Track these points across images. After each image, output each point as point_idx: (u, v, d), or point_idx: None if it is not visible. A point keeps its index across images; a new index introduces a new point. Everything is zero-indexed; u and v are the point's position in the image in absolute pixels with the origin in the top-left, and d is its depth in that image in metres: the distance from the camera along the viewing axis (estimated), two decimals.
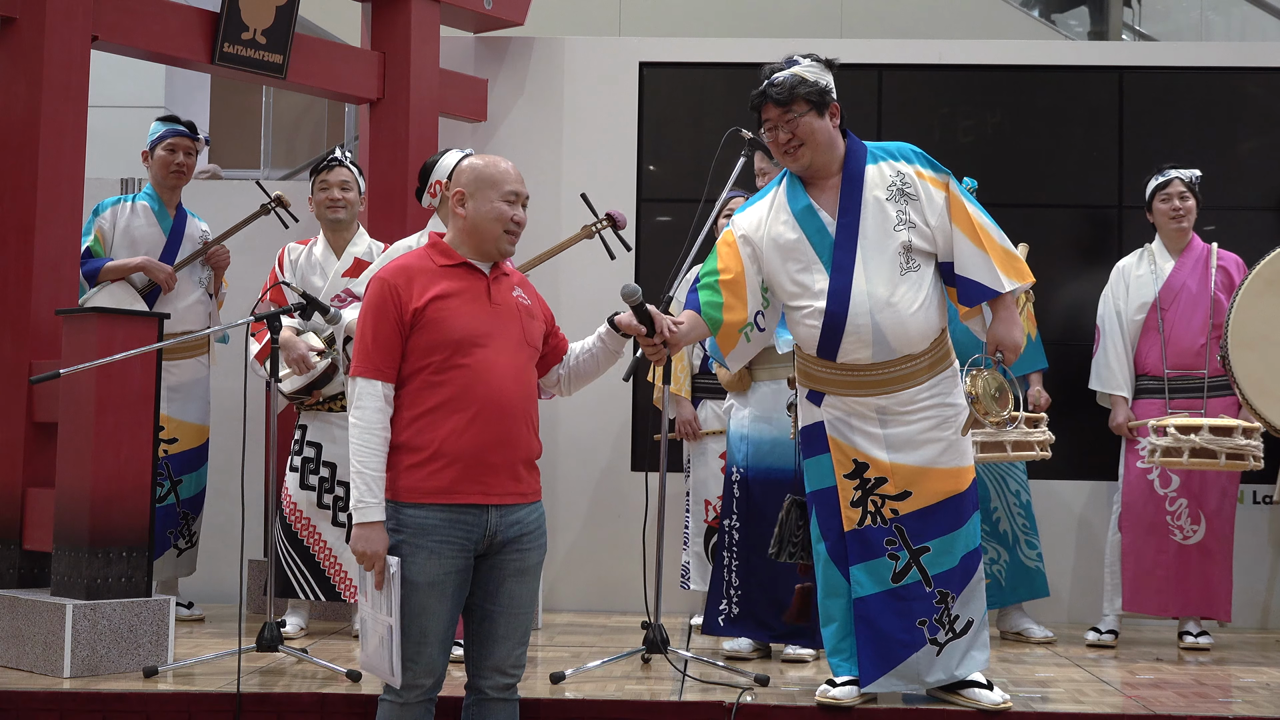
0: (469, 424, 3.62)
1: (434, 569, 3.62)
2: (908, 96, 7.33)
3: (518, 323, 3.78)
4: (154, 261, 6.18)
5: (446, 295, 3.69)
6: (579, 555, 7.18)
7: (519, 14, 7.33)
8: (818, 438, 4.58)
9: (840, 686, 4.53)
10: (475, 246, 3.80)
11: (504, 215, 3.78)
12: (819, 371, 4.55)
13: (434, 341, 3.66)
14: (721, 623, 5.55)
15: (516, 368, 3.73)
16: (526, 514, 3.75)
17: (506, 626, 3.73)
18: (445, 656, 3.70)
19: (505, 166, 3.83)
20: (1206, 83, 7.24)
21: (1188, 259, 6.31)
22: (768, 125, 4.57)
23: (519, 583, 3.74)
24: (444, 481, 3.62)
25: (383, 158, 6.83)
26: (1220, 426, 5.37)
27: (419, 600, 3.62)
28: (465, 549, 3.65)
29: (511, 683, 3.77)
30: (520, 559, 3.73)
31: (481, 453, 3.63)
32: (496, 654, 3.73)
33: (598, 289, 7.20)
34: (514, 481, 3.70)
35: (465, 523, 3.63)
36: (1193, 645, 6.13)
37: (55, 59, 5.49)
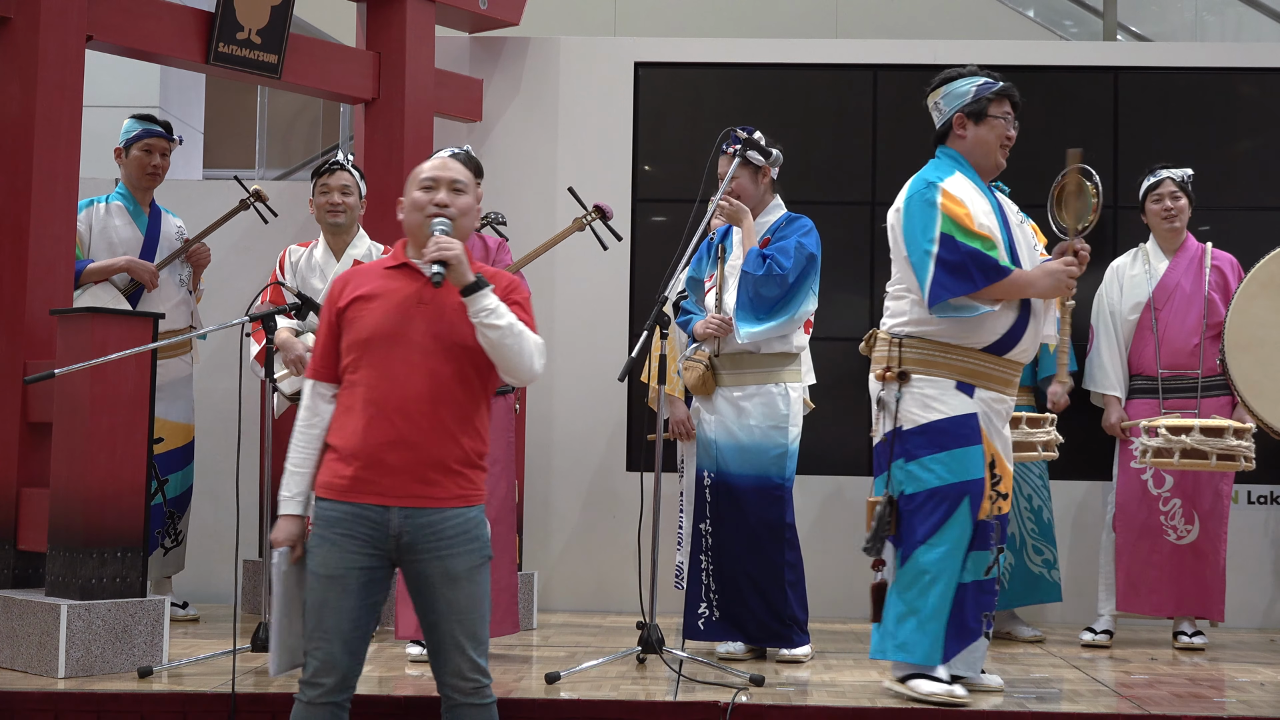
0: (368, 424, 3.59)
1: (336, 562, 3.59)
2: (903, 97, 7.32)
3: (446, 321, 3.67)
4: (138, 261, 6.17)
5: (369, 296, 3.68)
6: (574, 555, 7.18)
7: (514, 14, 7.33)
8: (971, 428, 4.68)
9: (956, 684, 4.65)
10: (415, 243, 3.76)
11: (421, 202, 3.73)
12: (978, 364, 4.71)
13: (350, 342, 3.67)
14: (701, 626, 5.56)
15: (432, 368, 3.63)
16: (443, 519, 3.62)
17: (453, 635, 3.64)
18: (352, 658, 3.63)
19: (432, 161, 3.83)
20: (1201, 83, 7.25)
21: (1182, 259, 6.32)
22: (1006, 115, 4.87)
23: (453, 589, 3.63)
24: (345, 481, 3.60)
25: (378, 158, 6.82)
26: (1211, 427, 5.38)
27: (320, 593, 3.60)
28: (370, 548, 3.60)
29: (477, 687, 3.68)
30: (444, 566, 3.62)
31: (378, 453, 3.58)
32: (451, 662, 3.65)
33: (593, 285, 7.21)
34: (420, 484, 3.60)
35: (369, 520, 3.59)
36: (1187, 645, 6.14)
37: (50, 59, 5.49)
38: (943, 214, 4.66)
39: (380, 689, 4.78)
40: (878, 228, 7.25)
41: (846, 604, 7.04)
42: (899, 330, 4.78)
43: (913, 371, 4.72)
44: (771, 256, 5.43)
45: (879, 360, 4.83)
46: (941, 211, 4.66)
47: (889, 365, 4.76)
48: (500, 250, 5.57)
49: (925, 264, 4.66)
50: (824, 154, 7.31)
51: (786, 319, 5.46)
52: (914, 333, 4.75)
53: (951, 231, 4.63)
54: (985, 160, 4.85)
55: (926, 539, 4.66)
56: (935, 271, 4.61)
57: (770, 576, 5.48)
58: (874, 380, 4.85)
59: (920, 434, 4.69)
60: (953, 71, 4.92)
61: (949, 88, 4.89)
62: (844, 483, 7.16)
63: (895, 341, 4.77)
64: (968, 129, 4.85)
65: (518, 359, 3.66)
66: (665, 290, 5.13)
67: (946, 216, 4.65)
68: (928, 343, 4.73)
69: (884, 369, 4.77)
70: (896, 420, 4.73)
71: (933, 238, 4.65)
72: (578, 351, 7.21)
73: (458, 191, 3.76)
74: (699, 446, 5.72)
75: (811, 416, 6.04)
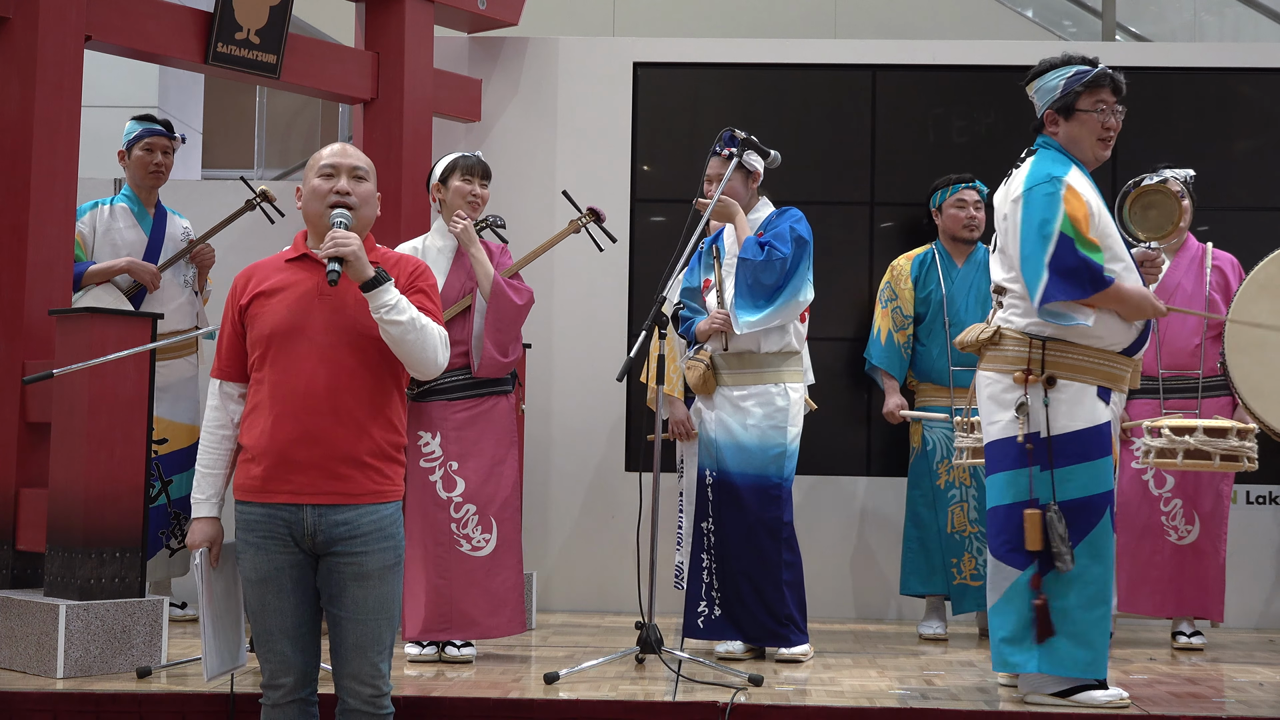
0: (275, 421, 3.56)
1: (264, 564, 3.58)
2: (901, 97, 7.33)
3: (348, 312, 3.61)
4: (138, 262, 6.16)
5: (271, 292, 3.64)
6: (573, 555, 7.18)
7: (513, 14, 7.33)
8: (1107, 437, 4.64)
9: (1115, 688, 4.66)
10: (315, 233, 3.71)
11: (320, 190, 3.66)
12: (1116, 368, 4.67)
13: (254, 339, 3.64)
14: (701, 625, 5.57)
15: (337, 361, 3.57)
16: (358, 515, 3.58)
17: (356, 634, 3.58)
18: (304, 654, 3.63)
19: (329, 148, 3.74)
20: (1200, 83, 7.25)
21: (1183, 259, 6.32)
22: (1103, 107, 4.74)
23: (361, 588, 3.58)
24: (256, 482, 3.58)
25: (376, 158, 6.72)
26: (1215, 428, 5.37)
27: (258, 597, 3.60)
28: (292, 545, 3.58)
29: (375, 694, 3.61)
30: (356, 563, 3.57)
31: (286, 450, 3.55)
32: (353, 662, 3.59)
33: (592, 285, 7.21)
34: (331, 480, 3.56)
35: (283, 519, 3.57)
36: (1186, 645, 6.14)
37: (48, 59, 5.48)
38: (1065, 213, 4.54)
39: None
40: (877, 228, 7.26)
41: (845, 604, 7.05)
42: (1039, 330, 4.62)
43: (1059, 376, 4.59)
44: (769, 242, 5.45)
45: (1013, 361, 4.65)
46: (1064, 210, 4.54)
47: (1030, 368, 4.60)
48: (502, 254, 5.57)
49: (1039, 261, 4.53)
50: (823, 154, 7.30)
51: (783, 304, 5.46)
52: (1057, 334, 4.60)
53: (1070, 233, 4.52)
54: (1084, 155, 4.75)
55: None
56: (1049, 274, 4.50)
57: (768, 576, 5.48)
58: (1001, 380, 4.66)
59: (1067, 442, 4.58)
60: (1044, 64, 4.79)
61: (1039, 82, 4.79)
62: (844, 483, 7.15)
63: (1037, 343, 4.60)
64: (1059, 125, 4.75)
65: (420, 354, 3.62)
66: (664, 290, 5.12)
67: (1068, 216, 4.53)
68: (1074, 346, 4.60)
69: (1024, 371, 4.61)
70: (1033, 425, 4.58)
71: (1050, 235, 4.52)
72: (576, 351, 7.21)
73: (359, 179, 3.69)
74: (700, 445, 5.73)
75: (812, 416, 6.04)
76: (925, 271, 6.54)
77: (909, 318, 6.54)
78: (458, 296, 5.44)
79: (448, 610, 5.32)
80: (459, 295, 5.45)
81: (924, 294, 6.53)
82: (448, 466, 5.38)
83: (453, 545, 5.35)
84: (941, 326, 6.40)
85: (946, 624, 6.43)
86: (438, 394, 5.41)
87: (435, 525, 5.36)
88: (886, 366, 6.56)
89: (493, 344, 5.35)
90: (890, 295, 6.58)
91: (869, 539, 7.12)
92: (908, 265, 6.58)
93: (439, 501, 5.37)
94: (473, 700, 4.60)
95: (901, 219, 7.24)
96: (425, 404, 5.42)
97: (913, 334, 6.54)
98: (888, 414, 6.54)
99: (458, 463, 5.39)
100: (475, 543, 5.38)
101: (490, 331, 5.36)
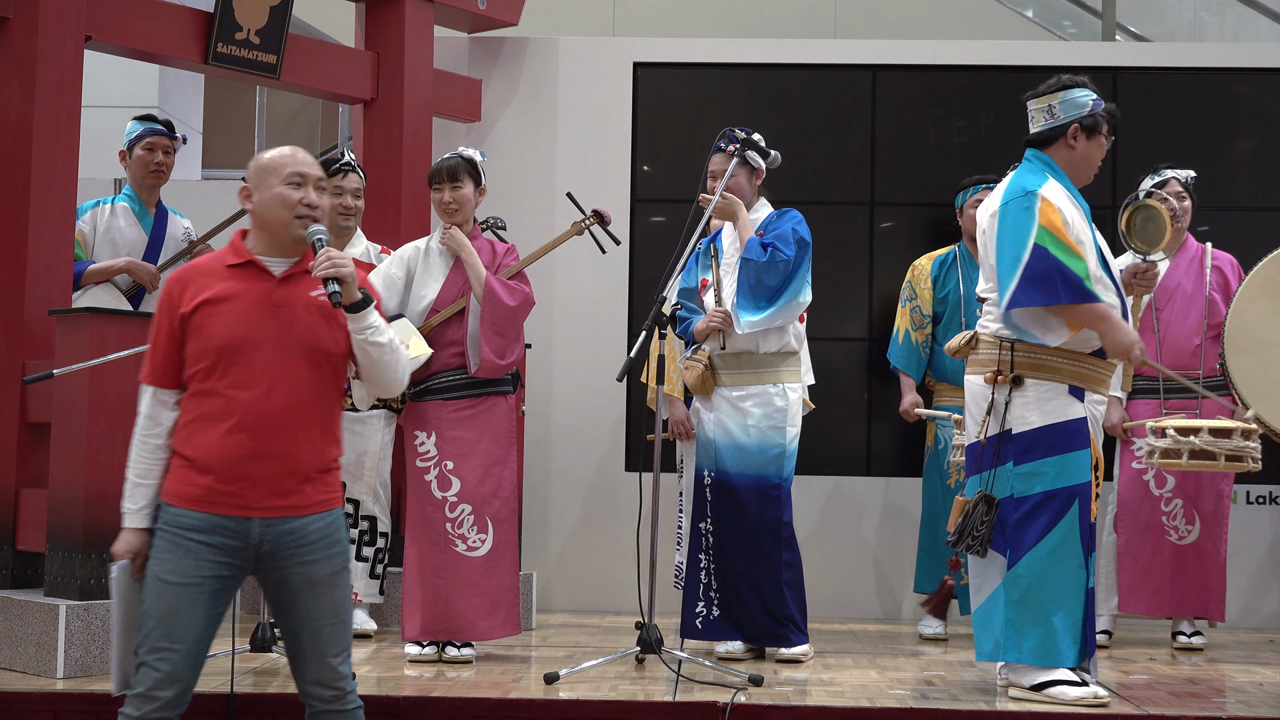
0: (227, 435, 3.46)
1: (189, 568, 3.46)
2: (902, 97, 7.33)
3: (301, 325, 3.56)
4: (137, 262, 6.15)
5: (217, 300, 3.52)
6: (573, 555, 7.18)
7: (513, 14, 7.33)
8: (1083, 433, 4.72)
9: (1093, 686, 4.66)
10: (271, 239, 3.60)
11: (289, 199, 3.56)
12: (1088, 369, 4.75)
13: (200, 349, 3.51)
14: (699, 625, 5.57)
15: (291, 375, 3.52)
16: (304, 524, 3.53)
17: (312, 641, 3.54)
18: (194, 671, 3.49)
19: (289, 152, 3.64)
20: (1200, 83, 7.25)
21: (1182, 259, 6.31)
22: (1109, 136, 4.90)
23: (312, 596, 3.54)
24: (200, 491, 3.47)
25: (376, 158, 6.82)
26: (1219, 428, 5.37)
27: (170, 599, 3.46)
28: (227, 557, 3.49)
29: (338, 694, 3.57)
30: (305, 571, 3.53)
31: (238, 465, 3.46)
32: (312, 669, 3.55)
33: (592, 285, 7.21)
34: (279, 495, 3.50)
35: (227, 529, 3.48)
36: (1186, 645, 6.14)
37: (48, 59, 5.49)
38: (1039, 225, 4.63)
39: (380, 689, 4.78)
40: (877, 228, 7.26)
41: (845, 604, 7.05)
42: (1009, 334, 4.74)
43: (1026, 376, 4.70)
44: (773, 244, 5.45)
45: (985, 363, 4.78)
46: (1038, 222, 4.64)
47: (1000, 369, 4.73)
48: (508, 254, 5.55)
49: (1011, 270, 4.62)
50: (822, 154, 7.31)
51: (784, 304, 5.46)
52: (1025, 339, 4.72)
53: (1045, 243, 4.60)
54: (1086, 174, 4.89)
55: (1037, 542, 4.67)
56: (1020, 279, 4.59)
57: (767, 576, 5.48)
58: (979, 382, 4.81)
59: (1034, 438, 4.69)
60: (1069, 79, 4.88)
61: (1069, 94, 4.84)
62: (844, 483, 7.16)
63: (1006, 345, 4.73)
64: (1079, 140, 4.83)
65: (392, 374, 3.65)
66: (664, 290, 5.12)
67: (1043, 227, 4.63)
68: (1041, 348, 4.71)
69: (994, 372, 4.73)
70: (1005, 423, 4.71)
71: (1025, 245, 4.62)
72: (577, 352, 7.21)
73: (321, 190, 3.63)
74: (699, 446, 5.72)
75: (811, 416, 6.04)
76: (945, 272, 6.54)
77: (927, 317, 6.54)
78: (454, 298, 5.44)
79: (444, 611, 5.32)
80: (456, 297, 5.44)
81: (943, 294, 6.53)
82: (443, 466, 5.38)
83: (448, 545, 5.35)
84: (959, 326, 6.40)
85: (947, 624, 6.43)
86: (434, 394, 5.40)
87: (430, 525, 5.36)
88: (903, 366, 6.57)
89: (490, 347, 5.35)
90: (910, 295, 6.59)
91: (869, 539, 7.12)
92: (928, 265, 6.58)
93: (434, 501, 5.37)
94: (473, 700, 4.60)
95: (901, 219, 7.24)
96: (421, 404, 5.42)
97: (931, 334, 6.55)
98: (903, 412, 6.55)
99: (453, 462, 5.38)
100: (471, 543, 5.37)
101: (487, 334, 5.35)
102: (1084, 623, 4.70)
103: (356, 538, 6.00)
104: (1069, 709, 4.55)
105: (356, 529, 6.00)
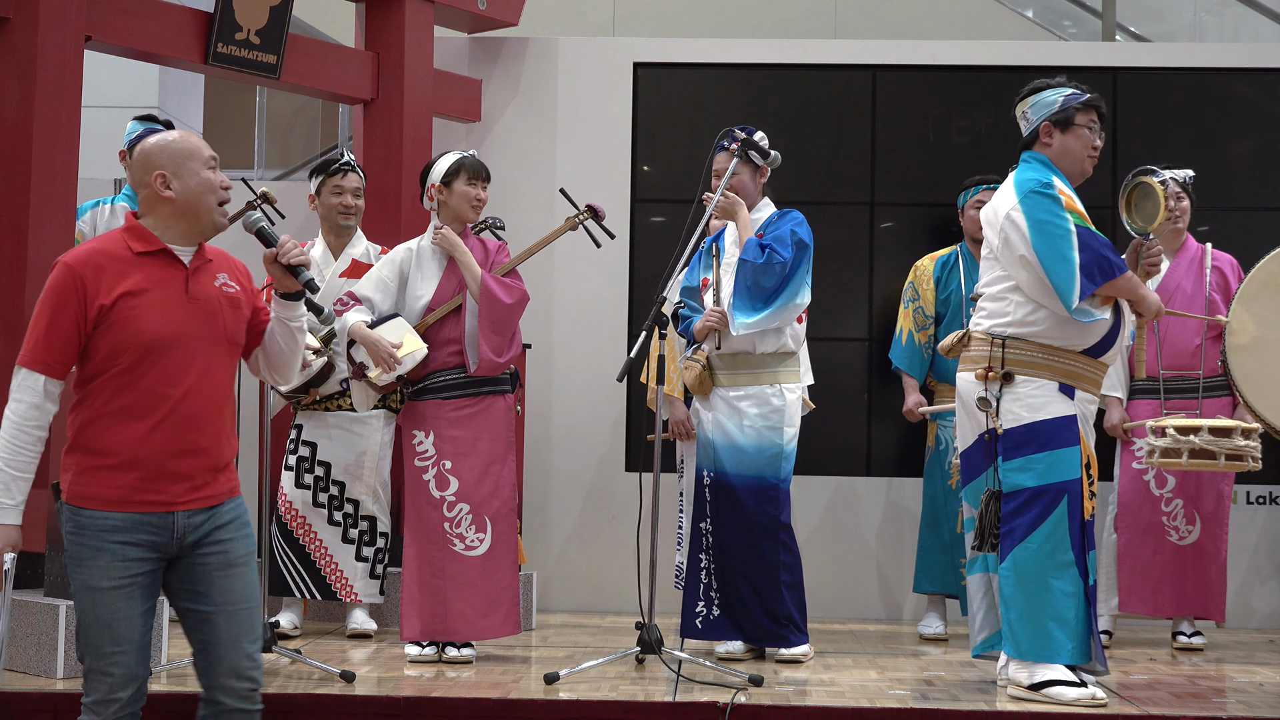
0: (153, 430, 3.41)
1: (119, 571, 3.41)
2: (902, 97, 7.33)
3: (219, 317, 3.53)
4: None
5: (137, 292, 3.43)
6: (573, 555, 7.18)
7: (513, 14, 7.33)
8: (1072, 430, 4.75)
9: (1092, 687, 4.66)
10: (189, 227, 3.54)
11: (213, 184, 3.55)
12: (1078, 367, 4.79)
13: (121, 343, 3.41)
14: (699, 625, 5.57)
15: (211, 369, 3.49)
16: (219, 510, 3.54)
17: (229, 626, 3.49)
18: (144, 665, 3.46)
19: (194, 136, 3.61)
20: (1200, 84, 7.25)
21: (1182, 259, 6.31)
22: (1091, 125, 4.93)
23: (228, 577, 3.51)
24: (123, 489, 3.42)
25: (377, 158, 6.82)
26: (1219, 428, 5.37)
27: (108, 605, 3.40)
28: (152, 551, 3.45)
29: (251, 688, 3.53)
30: (222, 553, 3.51)
31: (164, 460, 3.43)
32: (228, 657, 3.49)
33: (592, 285, 7.20)
34: (198, 490, 3.48)
35: (151, 525, 3.44)
36: (1186, 645, 6.14)
37: (48, 59, 5.48)
38: (1069, 209, 4.73)
39: (380, 689, 4.78)
40: (876, 228, 7.26)
41: (846, 604, 7.05)
42: (1000, 331, 4.81)
43: (1016, 372, 4.76)
44: (770, 245, 5.44)
45: (977, 360, 4.84)
46: (1066, 206, 4.74)
47: (990, 365, 4.79)
48: (499, 252, 5.57)
49: (1067, 259, 4.68)
50: (822, 154, 7.30)
51: (781, 306, 5.46)
52: (1017, 334, 4.79)
53: (1084, 225, 4.72)
54: (1073, 168, 4.92)
55: (1025, 537, 4.71)
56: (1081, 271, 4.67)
57: (766, 576, 5.48)
58: (970, 380, 4.87)
59: (1023, 434, 4.75)
60: (1040, 82, 4.98)
61: (1036, 98, 4.96)
62: (844, 483, 7.16)
63: (998, 342, 4.79)
64: (1054, 137, 4.91)
65: (298, 361, 3.72)
66: (664, 290, 5.12)
67: (1073, 212, 4.73)
68: (1031, 344, 4.78)
69: (985, 369, 4.80)
70: (997, 420, 4.77)
71: (1067, 229, 4.70)
72: (577, 351, 7.21)
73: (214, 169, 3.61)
74: (698, 446, 5.72)
75: (811, 416, 6.04)
76: (947, 272, 6.54)
77: (930, 318, 6.53)
78: (450, 296, 5.44)
79: (442, 610, 5.32)
80: (451, 295, 5.44)
81: (945, 294, 6.53)
82: (441, 465, 5.37)
83: (446, 545, 5.35)
84: (960, 327, 6.39)
85: (946, 624, 6.42)
86: (431, 393, 5.40)
87: (428, 524, 5.36)
88: (906, 366, 6.57)
89: (488, 345, 5.35)
90: (913, 295, 6.58)
91: (869, 539, 7.12)
92: (930, 265, 6.57)
93: (432, 500, 5.37)
94: (473, 700, 4.60)
95: (901, 219, 7.24)
96: (419, 403, 5.41)
97: (933, 334, 6.54)
98: (906, 412, 6.55)
99: (451, 462, 5.38)
100: (469, 542, 5.37)
101: (485, 333, 5.35)
102: (1084, 620, 4.71)
103: (356, 538, 6.00)
104: (1068, 709, 4.55)
105: (356, 529, 6.00)
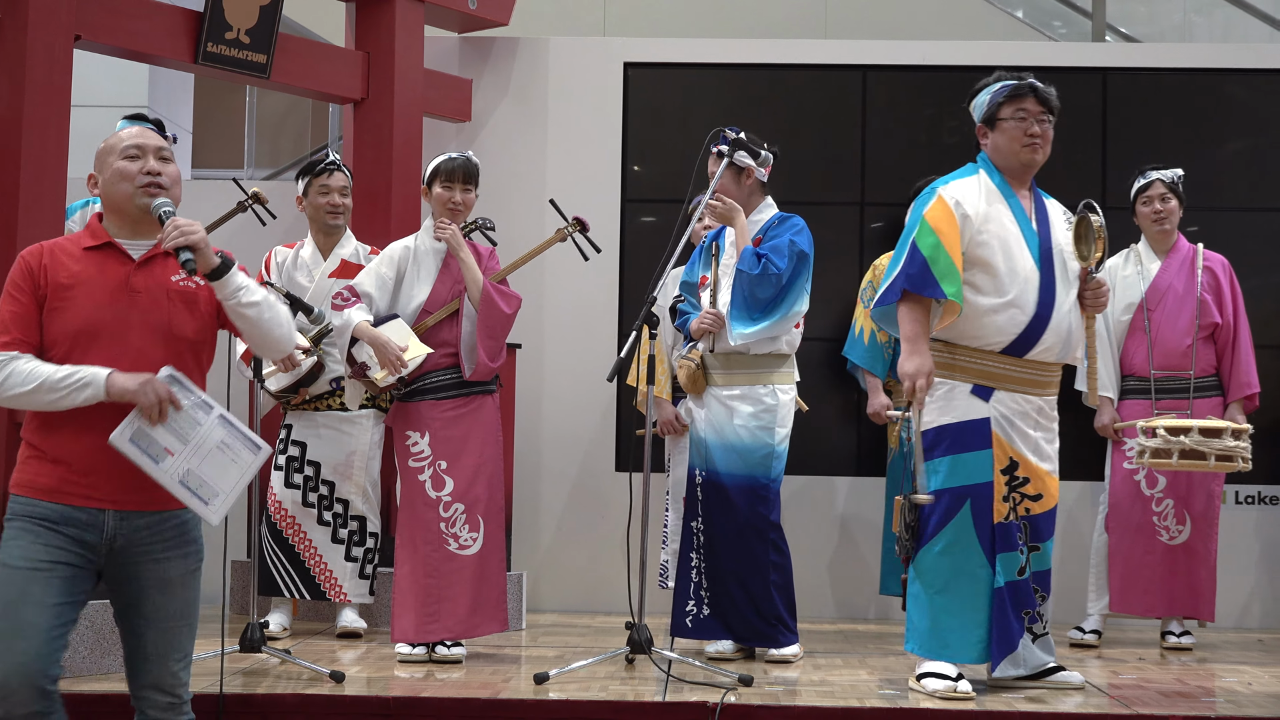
0: (82, 427, 3.33)
1: (39, 553, 3.30)
2: (892, 97, 7.34)
3: (160, 311, 3.44)
4: None
5: (73, 284, 3.39)
6: (562, 555, 7.18)
7: (503, 14, 7.33)
8: (980, 434, 4.78)
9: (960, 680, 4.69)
10: (124, 219, 3.49)
11: (128, 171, 3.45)
12: (996, 367, 4.79)
13: (55, 333, 3.38)
14: (689, 624, 5.56)
15: (150, 364, 3.37)
16: (159, 520, 3.44)
17: (156, 643, 3.42)
18: (42, 663, 3.26)
19: (128, 130, 3.55)
20: (1190, 84, 7.27)
21: (1174, 260, 6.32)
22: (1020, 115, 4.87)
23: (163, 594, 3.42)
24: (52, 482, 3.35)
25: (367, 158, 6.81)
26: (1210, 428, 5.39)
27: (19, 586, 3.27)
28: (78, 546, 3.35)
29: (173, 702, 3.45)
30: (158, 569, 3.43)
31: (93, 458, 3.34)
32: (151, 672, 3.42)
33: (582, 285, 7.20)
34: (137, 491, 3.38)
35: (79, 521, 3.35)
36: (1175, 645, 6.15)
37: (38, 58, 5.48)
38: (922, 220, 4.78)
39: (370, 689, 4.78)
40: (867, 229, 7.27)
41: (837, 605, 7.05)
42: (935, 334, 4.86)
43: (934, 375, 4.78)
44: (766, 256, 5.43)
45: None
46: (923, 218, 4.78)
47: None
48: (490, 258, 5.56)
49: (897, 262, 4.82)
50: (813, 155, 7.31)
51: (779, 318, 5.46)
52: (938, 335, 4.83)
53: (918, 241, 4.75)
54: (1010, 162, 4.92)
55: (930, 538, 4.78)
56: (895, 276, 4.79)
57: (756, 576, 5.48)
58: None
59: (934, 436, 4.81)
60: (978, 85, 5.03)
61: (974, 103, 5.03)
62: (837, 484, 7.16)
63: None
64: (988, 137, 4.96)
65: (277, 329, 3.53)
66: (654, 290, 5.12)
67: (925, 223, 4.76)
68: (944, 345, 4.82)
69: None
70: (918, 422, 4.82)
71: (908, 236, 4.80)
72: (567, 351, 7.21)
73: (165, 160, 3.50)
74: (691, 444, 5.71)
75: (804, 417, 6.04)
76: None
77: None
78: (446, 299, 5.44)
79: (435, 609, 5.32)
80: (448, 298, 5.44)
81: None
82: (436, 466, 5.37)
83: (441, 544, 5.35)
84: None
85: None
86: (425, 394, 5.40)
87: (425, 525, 5.36)
88: (869, 366, 6.58)
89: (485, 351, 5.36)
90: (873, 294, 6.56)
91: (858, 539, 7.13)
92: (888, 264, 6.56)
93: (428, 501, 5.37)
94: (463, 700, 4.60)
95: (891, 219, 7.24)
96: (413, 404, 5.41)
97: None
98: (873, 414, 6.56)
99: (446, 462, 5.38)
100: (463, 541, 5.37)
101: (483, 340, 5.36)
102: (988, 623, 4.78)
103: (346, 538, 6.00)
104: (1044, 709, 4.59)
105: (346, 529, 6.00)
